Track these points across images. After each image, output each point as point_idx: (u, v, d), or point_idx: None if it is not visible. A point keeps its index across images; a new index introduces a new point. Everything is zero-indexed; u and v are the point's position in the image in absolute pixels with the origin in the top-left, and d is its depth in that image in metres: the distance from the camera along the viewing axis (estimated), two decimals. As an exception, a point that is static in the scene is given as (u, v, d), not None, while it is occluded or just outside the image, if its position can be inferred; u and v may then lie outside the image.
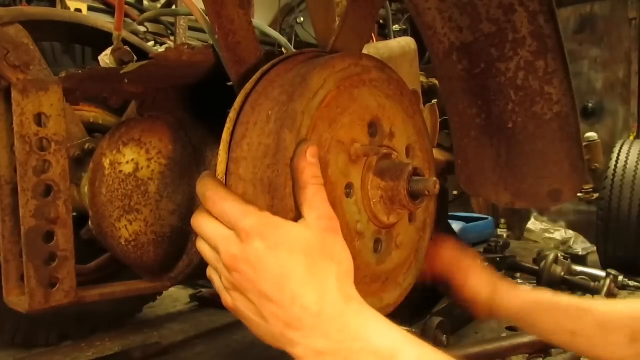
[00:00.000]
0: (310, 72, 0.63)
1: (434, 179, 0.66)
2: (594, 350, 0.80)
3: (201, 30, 0.84)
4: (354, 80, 0.68)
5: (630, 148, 2.75)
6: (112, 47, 1.13)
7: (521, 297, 0.88)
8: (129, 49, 1.14)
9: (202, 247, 0.60)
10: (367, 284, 0.69)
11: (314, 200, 0.56)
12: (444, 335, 1.50)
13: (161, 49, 2.08)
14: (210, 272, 0.61)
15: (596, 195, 2.76)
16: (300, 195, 0.57)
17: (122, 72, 0.82)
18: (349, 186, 0.65)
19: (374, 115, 0.69)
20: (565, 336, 0.82)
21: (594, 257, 2.84)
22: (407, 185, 0.66)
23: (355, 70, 0.69)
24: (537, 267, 2.31)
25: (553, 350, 1.46)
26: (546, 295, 0.88)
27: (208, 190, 0.59)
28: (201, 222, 0.59)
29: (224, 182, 0.64)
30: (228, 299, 0.58)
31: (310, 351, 0.51)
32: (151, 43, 2.50)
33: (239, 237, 0.54)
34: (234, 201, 0.57)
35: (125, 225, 0.88)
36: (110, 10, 2.92)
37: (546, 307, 0.86)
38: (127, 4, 2.80)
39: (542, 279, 2.13)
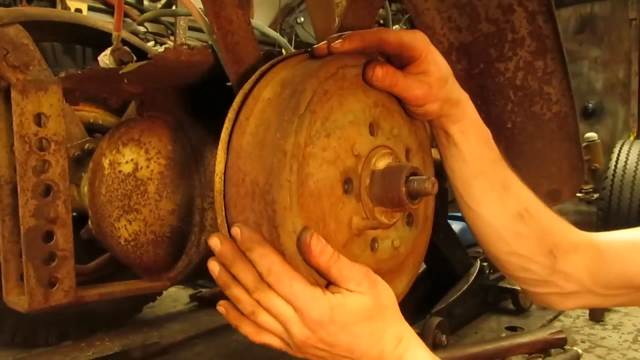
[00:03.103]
0: (304, 81, 0.63)
1: (433, 178, 0.67)
2: (483, 201, 0.77)
3: (201, 31, 0.84)
4: (349, 82, 0.68)
5: (630, 148, 2.76)
6: (112, 47, 1.13)
7: (478, 130, 0.76)
8: (128, 49, 1.14)
9: (268, 321, 0.62)
10: None
11: (343, 273, 0.61)
12: (444, 335, 1.50)
13: (161, 49, 2.08)
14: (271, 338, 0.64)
15: (596, 195, 2.76)
16: (329, 277, 0.61)
17: (121, 72, 0.82)
18: (348, 181, 0.65)
19: (372, 116, 0.70)
20: (474, 175, 0.76)
21: (594, 257, 2.83)
22: (406, 185, 0.66)
23: (348, 72, 0.69)
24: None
25: (552, 350, 1.46)
26: (500, 156, 0.78)
27: (274, 265, 0.59)
28: (269, 298, 0.61)
29: (223, 182, 0.64)
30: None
31: None
32: (151, 43, 2.50)
33: (309, 325, 0.60)
34: (303, 283, 0.60)
35: (125, 225, 0.88)
36: (110, 10, 2.93)
37: (498, 163, 0.77)
38: (127, 4, 2.80)
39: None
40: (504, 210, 0.77)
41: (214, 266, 0.64)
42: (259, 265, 0.60)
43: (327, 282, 0.62)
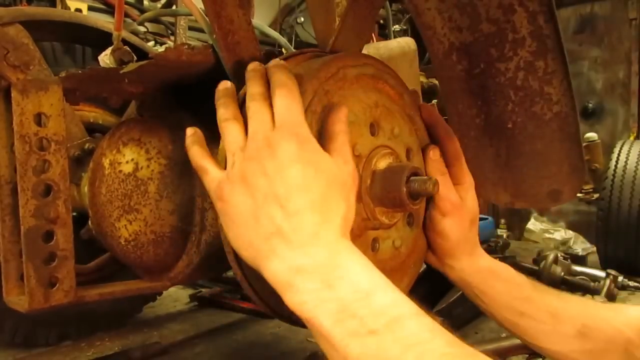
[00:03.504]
0: (305, 81, 0.63)
1: (434, 178, 0.67)
2: (538, 337, 0.77)
3: (201, 30, 0.84)
4: (349, 83, 0.68)
5: (630, 148, 2.76)
6: (112, 47, 1.13)
7: (480, 261, 0.80)
8: (128, 49, 1.14)
9: (229, 125, 0.59)
10: None
11: (343, 149, 0.59)
12: (444, 335, 1.50)
13: (161, 49, 2.08)
14: (222, 152, 0.60)
15: (596, 196, 2.76)
16: (329, 144, 0.59)
17: (121, 72, 0.82)
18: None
19: (373, 117, 0.70)
20: (513, 315, 0.77)
21: (594, 258, 2.84)
22: (407, 185, 0.66)
23: (349, 72, 0.69)
24: (537, 267, 2.32)
25: (553, 350, 1.46)
26: (504, 267, 0.81)
27: (290, 80, 0.59)
28: (258, 105, 0.58)
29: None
30: (225, 189, 0.56)
31: (288, 266, 0.51)
32: (151, 43, 2.50)
33: (279, 129, 0.54)
34: (300, 104, 0.58)
35: (125, 225, 0.88)
36: (110, 10, 2.93)
37: (503, 278, 0.79)
38: (127, 4, 2.80)
39: (542, 279, 2.14)
40: (564, 337, 0.76)
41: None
42: (276, 75, 0.60)
43: None
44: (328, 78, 0.66)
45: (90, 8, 2.92)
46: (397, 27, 3.46)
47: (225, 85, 0.64)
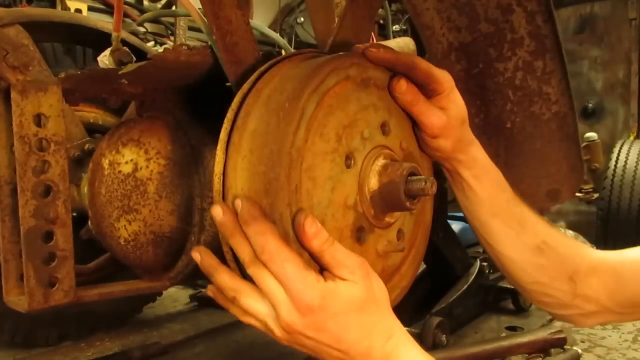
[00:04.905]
0: (303, 81, 0.63)
1: (431, 178, 0.67)
2: (501, 241, 0.81)
3: (201, 31, 0.84)
4: (346, 83, 0.68)
5: (630, 148, 2.76)
6: (111, 47, 1.13)
7: (477, 156, 0.79)
8: (128, 49, 1.15)
9: (250, 305, 0.62)
10: None
11: (337, 259, 0.60)
12: (444, 335, 1.50)
13: (160, 50, 2.09)
14: (257, 309, 0.63)
15: (596, 195, 2.76)
16: (322, 262, 0.60)
17: (121, 72, 0.82)
18: (350, 158, 0.65)
19: (364, 118, 0.69)
20: (488, 215, 0.80)
21: (594, 257, 2.83)
22: (405, 185, 0.66)
23: (345, 73, 0.68)
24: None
25: (552, 350, 1.46)
26: (495, 168, 0.81)
27: (269, 243, 0.58)
28: (262, 276, 0.60)
29: (222, 182, 0.64)
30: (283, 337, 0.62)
31: None
32: (151, 43, 2.50)
33: (299, 309, 0.58)
34: (296, 265, 0.58)
35: (124, 225, 0.88)
36: (110, 11, 2.93)
37: (491, 177, 0.80)
38: (127, 4, 2.80)
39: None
40: (523, 246, 0.81)
41: (196, 255, 0.65)
42: (253, 241, 0.59)
43: (321, 268, 0.61)
44: (326, 78, 0.65)
45: (90, 8, 2.92)
46: (396, 27, 3.46)
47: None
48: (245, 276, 0.64)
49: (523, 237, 0.81)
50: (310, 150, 0.62)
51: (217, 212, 0.62)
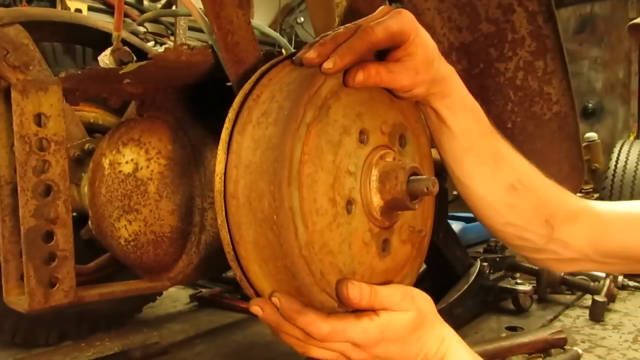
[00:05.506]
0: (304, 81, 0.63)
1: (433, 178, 0.66)
2: (474, 178, 0.78)
3: (201, 31, 0.84)
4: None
5: (630, 148, 2.76)
6: (112, 47, 1.13)
7: (454, 92, 0.74)
8: (128, 49, 1.14)
9: (322, 354, 0.67)
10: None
11: (385, 303, 0.65)
12: (444, 335, 1.50)
13: (161, 49, 2.08)
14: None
15: (596, 196, 2.76)
16: (374, 309, 0.66)
17: (121, 72, 0.82)
18: (350, 202, 0.65)
19: (361, 120, 0.69)
20: (462, 150, 0.76)
21: (594, 257, 2.83)
22: (406, 185, 0.66)
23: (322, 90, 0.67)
24: (536, 267, 2.31)
25: (553, 350, 1.46)
26: (473, 101, 0.76)
27: (322, 330, 0.63)
28: (322, 350, 0.66)
29: (223, 182, 0.64)
30: None
31: None
32: (151, 43, 2.50)
33: (364, 349, 0.65)
34: (351, 325, 0.64)
35: (125, 225, 0.88)
36: (110, 10, 2.93)
37: (468, 109, 0.75)
38: (127, 4, 2.80)
39: (541, 279, 2.13)
40: (496, 183, 0.77)
41: (256, 310, 0.65)
42: (307, 331, 0.63)
43: None
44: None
45: (90, 8, 2.93)
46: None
47: None
48: (242, 267, 0.66)
49: (497, 175, 0.76)
50: (317, 232, 0.61)
51: (257, 310, 0.65)
